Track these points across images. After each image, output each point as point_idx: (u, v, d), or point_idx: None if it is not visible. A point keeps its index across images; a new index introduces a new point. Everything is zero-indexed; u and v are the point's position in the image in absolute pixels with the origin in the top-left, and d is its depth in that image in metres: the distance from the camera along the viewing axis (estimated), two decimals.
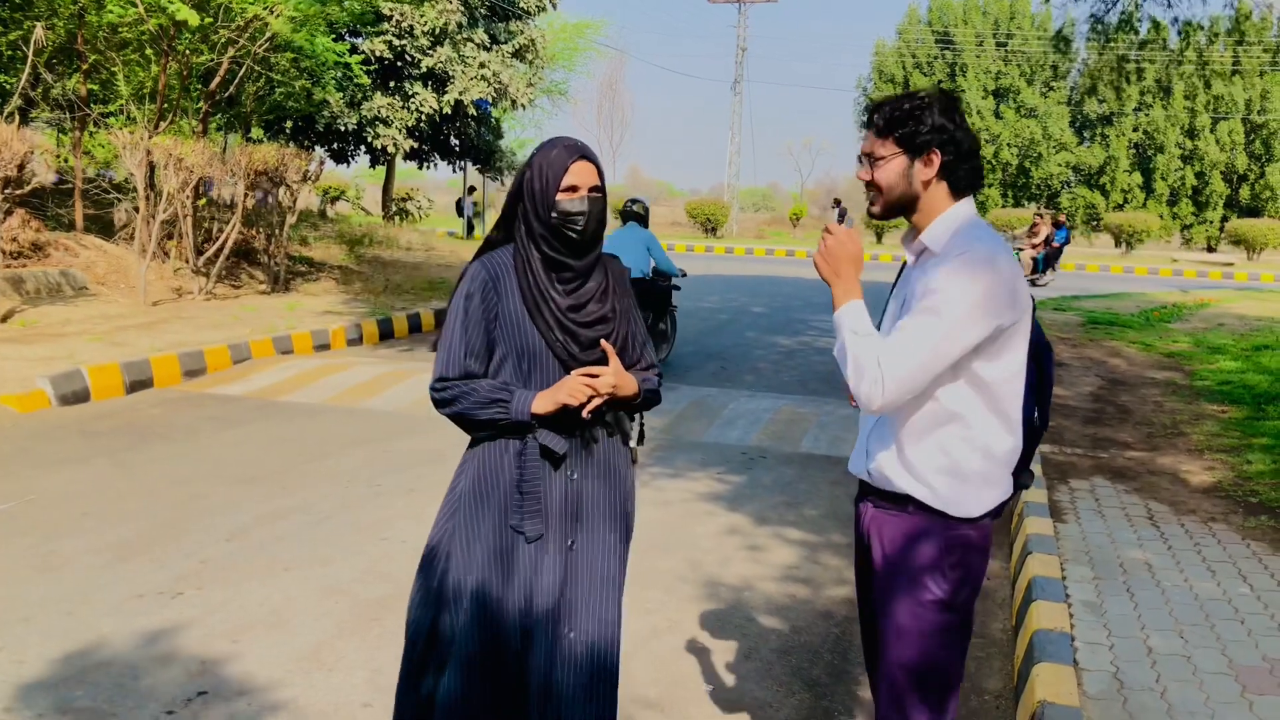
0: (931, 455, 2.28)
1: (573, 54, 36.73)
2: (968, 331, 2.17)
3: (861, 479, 2.45)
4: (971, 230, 2.28)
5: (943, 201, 2.31)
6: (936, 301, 2.17)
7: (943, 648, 2.33)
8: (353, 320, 11.69)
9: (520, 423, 2.46)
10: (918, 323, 2.19)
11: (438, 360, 2.51)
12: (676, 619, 4.30)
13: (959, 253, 2.21)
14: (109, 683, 3.55)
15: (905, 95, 2.31)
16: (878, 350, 2.19)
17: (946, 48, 43.25)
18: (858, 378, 2.19)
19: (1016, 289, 2.23)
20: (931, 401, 2.26)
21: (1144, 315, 15.18)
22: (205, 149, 12.12)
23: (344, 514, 5.46)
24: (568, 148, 2.49)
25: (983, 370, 2.24)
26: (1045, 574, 4.42)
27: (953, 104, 2.29)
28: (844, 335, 2.24)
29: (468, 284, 2.51)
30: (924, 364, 2.17)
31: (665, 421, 7.90)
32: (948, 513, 2.28)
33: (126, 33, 13.05)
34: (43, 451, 6.45)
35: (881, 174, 2.31)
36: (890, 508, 2.36)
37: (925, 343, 2.17)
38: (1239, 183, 40.38)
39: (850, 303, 2.27)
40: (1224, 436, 7.34)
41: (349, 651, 3.86)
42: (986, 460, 2.29)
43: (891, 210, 2.34)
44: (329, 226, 19.64)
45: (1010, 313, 2.20)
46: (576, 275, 2.52)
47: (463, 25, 21.61)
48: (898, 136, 2.28)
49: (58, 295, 10.98)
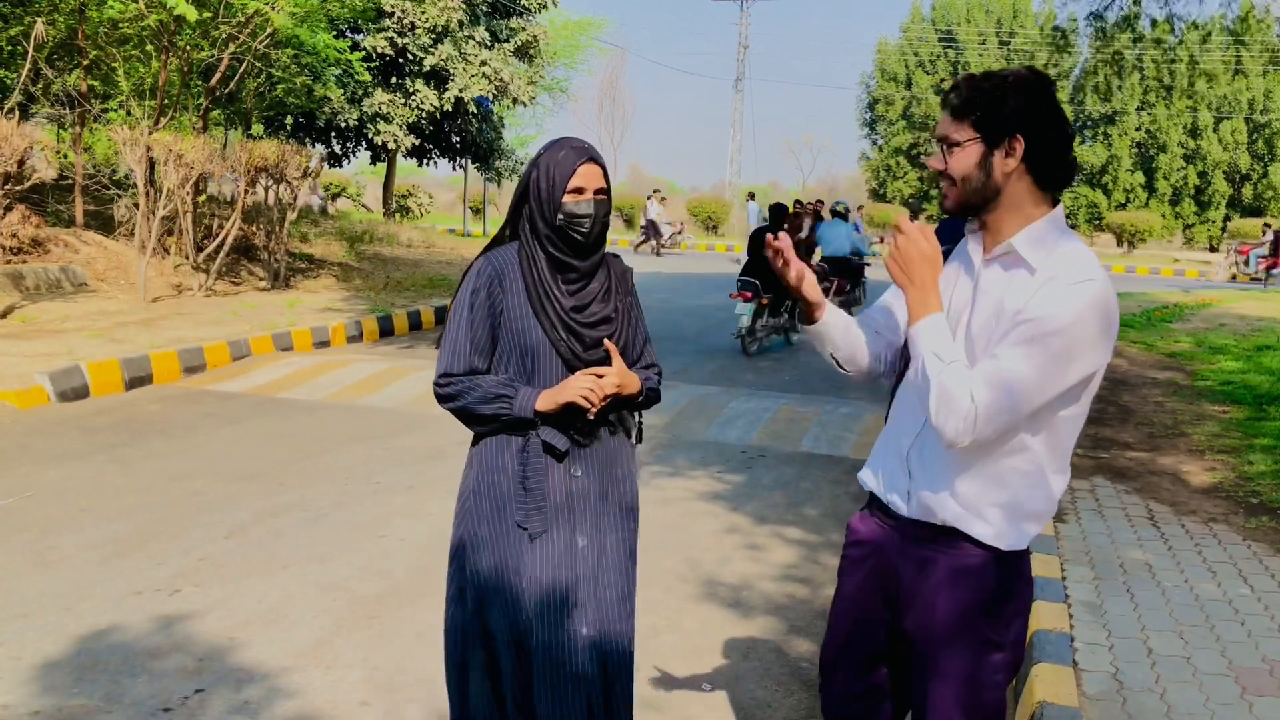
0: (990, 489, 2.06)
1: (574, 51, 36.72)
2: (1075, 372, 1.95)
3: (892, 506, 2.21)
4: (1077, 249, 2.00)
5: (1027, 200, 2.03)
6: (1047, 334, 1.91)
7: (1001, 686, 2.17)
8: (353, 317, 11.68)
9: (523, 419, 2.46)
10: (1022, 354, 1.92)
11: (441, 355, 2.52)
12: (675, 618, 4.29)
13: (1078, 280, 1.93)
14: (106, 679, 3.55)
15: (988, 74, 2.03)
16: (970, 383, 1.94)
17: (949, 46, 43.21)
18: (946, 412, 1.94)
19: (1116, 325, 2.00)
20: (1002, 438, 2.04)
21: (1145, 315, 15.17)
22: (205, 145, 12.11)
23: (343, 511, 5.45)
24: (575, 149, 2.49)
25: (1061, 408, 2.02)
26: (1045, 574, 4.41)
27: (1044, 86, 2.01)
28: (925, 359, 2.00)
29: (474, 279, 2.51)
30: (1025, 404, 1.93)
31: (665, 420, 7.89)
32: (1000, 548, 2.08)
33: (127, 28, 13.03)
34: (42, 448, 6.45)
35: (956, 162, 2.03)
36: (933, 543, 2.14)
37: (1029, 380, 1.92)
38: (1241, 182, 40.37)
39: (929, 318, 2.01)
40: (1225, 437, 7.33)
41: (347, 648, 3.86)
42: (1045, 496, 2.10)
43: (967, 206, 2.07)
44: (329, 223, 19.63)
45: (1108, 354, 2.00)
46: (581, 276, 2.53)
47: (464, 22, 21.58)
48: (975, 120, 2.00)
49: (57, 291, 10.97)
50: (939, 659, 2.15)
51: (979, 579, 2.10)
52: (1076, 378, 1.96)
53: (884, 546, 2.24)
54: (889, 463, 2.23)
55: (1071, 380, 1.96)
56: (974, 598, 2.11)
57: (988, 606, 2.11)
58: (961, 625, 2.11)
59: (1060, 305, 1.91)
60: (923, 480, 2.12)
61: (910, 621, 2.19)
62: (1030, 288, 1.97)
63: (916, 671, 2.21)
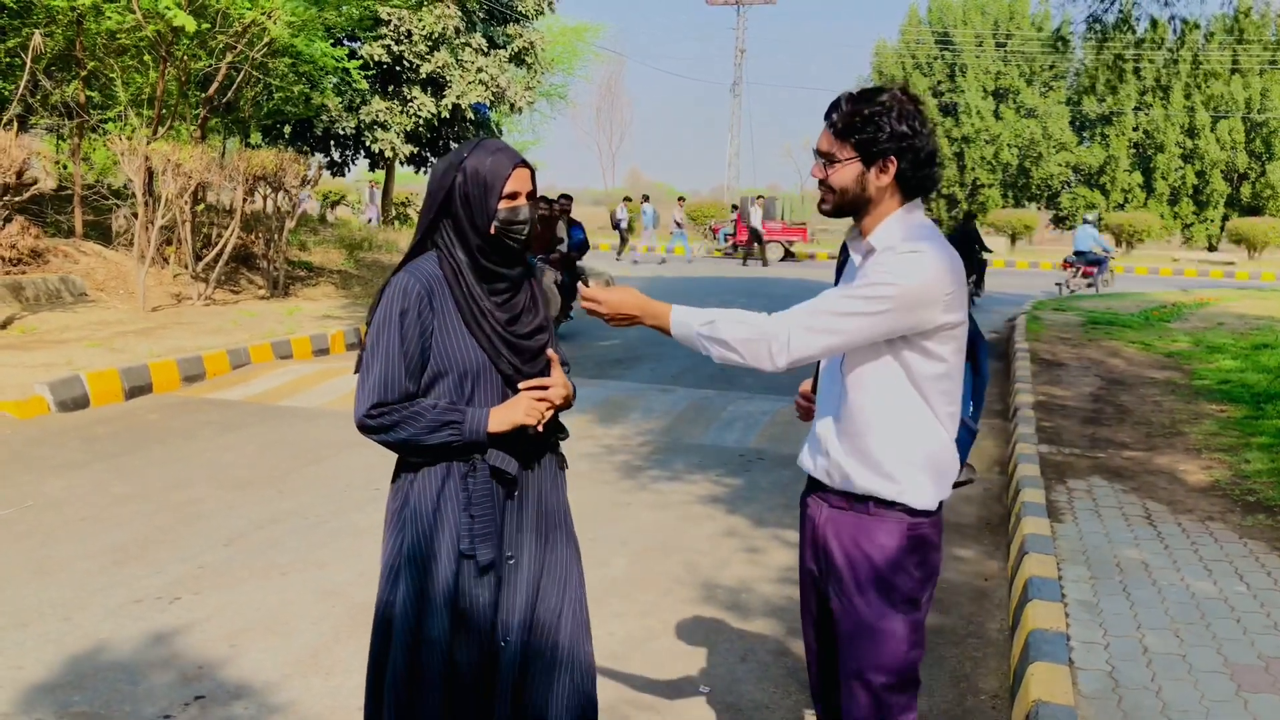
0: (887, 450, 2.28)
1: (571, 58, 36.76)
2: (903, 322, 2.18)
3: (819, 478, 2.42)
4: (920, 231, 2.27)
5: (893, 205, 2.29)
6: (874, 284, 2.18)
7: (915, 646, 2.33)
8: (352, 325, 11.70)
9: (472, 443, 2.34)
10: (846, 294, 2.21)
11: (369, 384, 2.32)
12: (673, 621, 4.30)
13: (909, 250, 2.21)
14: (106, 687, 3.56)
15: (866, 96, 2.25)
16: (779, 317, 2.23)
17: (946, 48, 43.26)
18: (764, 343, 2.21)
19: (957, 293, 2.24)
20: (882, 398, 2.27)
21: (1144, 315, 15.17)
22: (204, 154, 12.15)
23: (341, 518, 5.47)
24: (505, 153, 2.37)
25: (920, 366, 2.25)
26: (1042, 574, 4.42)
27: (914, 109, 2.24)
28: (703, 339, 2.26)
29: (399, 300, 2.32)
30: (835, 332, 2.20)
31: (664, 423, 7.91)
32: (910, 505, 2.28)
33: (125, 39, 13.08)
34: (41, 457, 6.46)
35: (836, 177, 2.28)
36: (849, 508, 2.35)
37: (844, 314, 2.19)
38: (1239, 181, 40.36)
39: (671, 315, 2.29)
40: (1222, 435, 7.34)
41: (346, 655, 3.87)
42: (938, 453, 2.30)
43: (841, 211, 2.32)
44: (328, 231, 19.66)
45: (945, 315, 2.21)
46: (510, 286, 2.42)
47: (461, 29, 21.62)
48: (855, 142, 2.24)
49: (57, 302, 11.00)
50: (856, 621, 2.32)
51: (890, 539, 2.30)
52: (904, 327, 2.19)
53: (816, 521, 2.43)
54: (811, 436, 2.49)
55: (899, 328, 2.19)
56: (888, 558, 2.30)
57: (901, 566, 2.30)
58: (880, 586, 2.30)
59: (888, 264, 2.20)
60: (834, 451, 2.35)
61: (836, 589, 2.37)
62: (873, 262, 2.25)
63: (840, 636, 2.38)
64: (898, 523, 2.30)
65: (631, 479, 6.36)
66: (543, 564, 2.48)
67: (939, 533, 2.37)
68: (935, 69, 43.47)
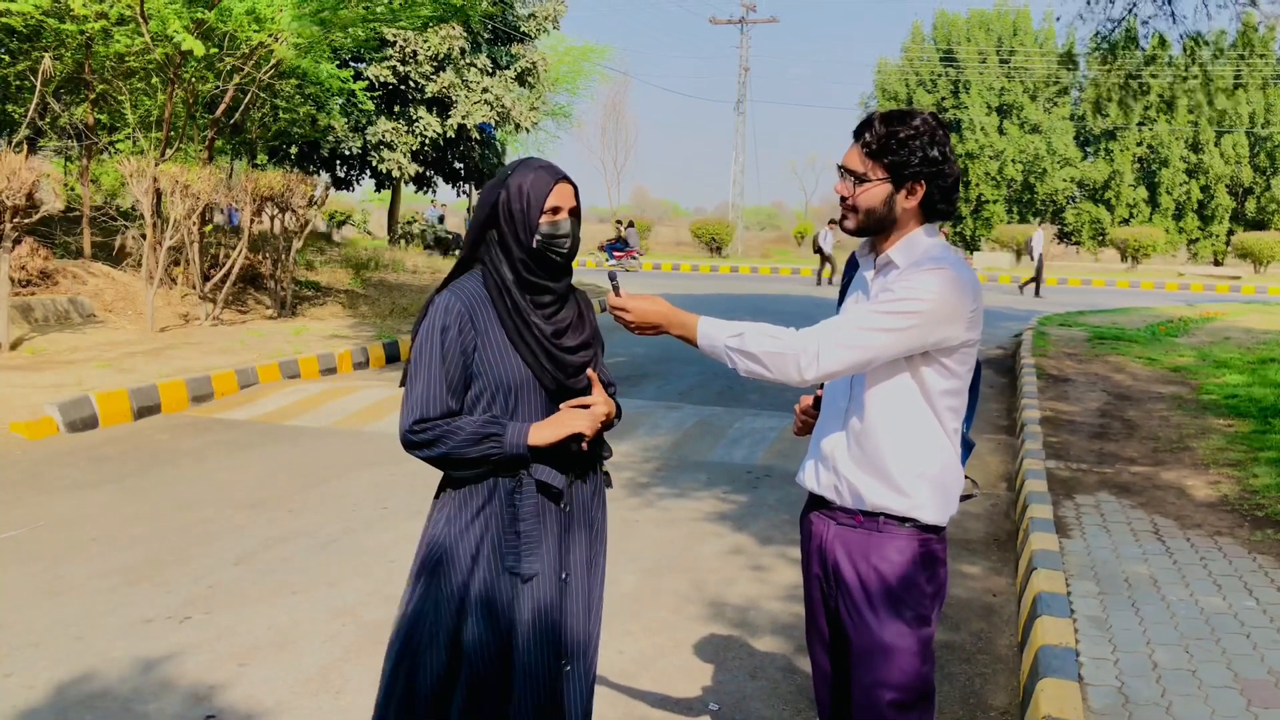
0: (899, 466, 2.29)
1: (576, 77, 36.97)
2: (928, 337, 2.20)
3: (824, 495, 2.40)
4: (940, 250, 2.30)
5: (914, 226, 2.31)
6: (900, 299, 2.20)
7: (926, 663, 2.32)
8: (359, 344, 11.74)
9: (515, 458, 2.35)
10: (873, 309, 2.22)
11: (412, 400, 2.35)
12: (682, 638, 4.30)
13: (932, 266, 2.23)
14: (117, 707, 3.57)
15: (899, 118, 2.26)
16: (807, 332, 2.22)
17: (950, 64, 43.39)
18: (793, 357, 2.19)
19: (978, 310, 2.27)
20: (895, 414, 2.29)
21: (1150, 330, 15.16)
22: (211, 175, 12.23)
23: (350, 537, 5.48)
24: (548, 170, 2.41)
25: (935, 383, 2.27)
26: (1050, 589, 4.42)
27: (945, 134, 2.27)
28: (730, 351, 2.25)
29: (441, 317, 2.36)
30: (864, 347, 2.19)
31: (671, 441, 7.92)
32: (922, 521, 2.29)
33: (133, 62, 13.19)
34: (51, 478, 6.49)
35: (864, 197, 2.29)
36: (859, 524, 2.34)
37: (875, 324, 2.19)
38: (1244, 196, 40.36)
39: (699, 326, 2.29)
40: (1230, 450, 7.33)
41: (356, 674, 3.88)
42: (947, 469, 2.32)
43: (864, 231, 2.33)
44: (335, 250, 19.74)
45: (968, 332, 2.25)
46: (555, 299, 2.45)
47: (466, 50, 21.78)
48: (887, 164, 2.25)
49: (66, 323, 11.05)
50: (868, 640, 2.31)
51: (901, 556, 2.30)
52: (929, 343, 2.21)
53: (822, 539, 2.42)
54: (812, 453, 2.47)
55: (924, 344, 2.20)
56: (900, 575, 2.29)
57: (913, 582, 2.30)
58: (892, 604, 2.29)
59: (914, 279, 2.21)
60: (843, 467, 2.34)
61: (847, 607, 2.35)
62: (898, 275, 2.27)
63: (851, 654, 2.36)
64: (909, 539, 2.30)
65: (639, 496, 6.37)
66: (589, 584, 2.50)
67: (946, 549, 2.38)
68: (939, 85, 43.59)
